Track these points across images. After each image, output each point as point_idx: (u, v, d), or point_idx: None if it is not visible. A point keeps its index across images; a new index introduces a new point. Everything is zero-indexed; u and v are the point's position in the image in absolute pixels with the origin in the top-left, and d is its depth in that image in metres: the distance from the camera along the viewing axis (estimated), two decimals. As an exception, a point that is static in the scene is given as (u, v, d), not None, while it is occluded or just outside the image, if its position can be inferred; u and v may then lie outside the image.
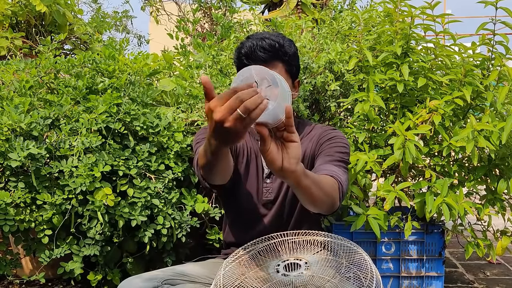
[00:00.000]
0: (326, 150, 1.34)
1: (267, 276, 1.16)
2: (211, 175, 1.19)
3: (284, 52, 1.33)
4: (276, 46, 1.31)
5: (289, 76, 1.36)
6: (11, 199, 1.73)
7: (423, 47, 2.04)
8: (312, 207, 1.16)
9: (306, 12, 4.12)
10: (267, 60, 1.31)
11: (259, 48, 1.30)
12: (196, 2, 3.18)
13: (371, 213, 1.79)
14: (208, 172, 1.16)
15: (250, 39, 1.33)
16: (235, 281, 1.15)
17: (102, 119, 1.79)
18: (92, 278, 1.96)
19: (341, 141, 1.37)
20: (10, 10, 2.97)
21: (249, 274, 1.18)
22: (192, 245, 2.13)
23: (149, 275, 1.27)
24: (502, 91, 1.81)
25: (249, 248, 1.31)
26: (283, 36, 1.35)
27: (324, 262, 1.20)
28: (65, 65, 2.03)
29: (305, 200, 1.11)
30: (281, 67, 1.33)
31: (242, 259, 1.27)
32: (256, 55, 1.30)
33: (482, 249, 1.92)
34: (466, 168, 1.98)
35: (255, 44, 1.31)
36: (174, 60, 2.50)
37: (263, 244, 1.32)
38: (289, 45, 1.35)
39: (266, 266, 1.21)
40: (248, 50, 1.32)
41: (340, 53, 1.99)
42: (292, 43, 1.37)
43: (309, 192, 1.06)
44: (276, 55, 1.32)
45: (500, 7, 1.84)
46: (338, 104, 2.02)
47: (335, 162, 1.29)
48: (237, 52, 1.37)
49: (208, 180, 1.25)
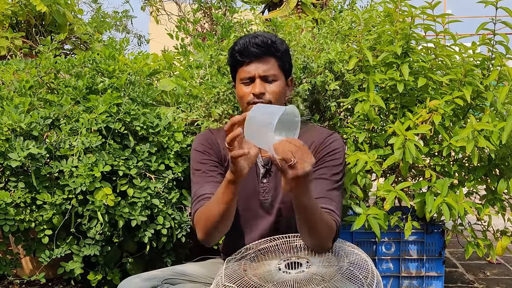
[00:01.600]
0: (324, 170, 1.35)
1: (269, 273, 1.16)
2: (218, 234, 1.28)
3: (276, 48, 1.36)
4: (268, 42, 1.34)
5: (282, 72, 1.38)
6: (11, 199, 1.73)
7: (423, 47, 2.04)
8: (305, 234, 1.22)
9: (306, 12, 4.12)
10: (259, 56, 1.34)
11: (252, 44, 1.33)
12: (196, 2, 3.18)
13: (371, 212, 1.79)
14: (216, 232, 1.26)
15: (243, 38, 1.37)
16: (237, 278, 1.15)
17: (102, 119, 1.79)
18: (92, 278, 1.96)
19: (339, 156, 1.38)
20: (10, 10, 2.97)
21: (250, 271, 1.18)
22: (192, 245, 2.13)
23: (149, 274, 1.27)
24: (502, 91, 1.81)
25: (251, 248, 1.31)
26: (275, 35, 1.40)
27: (325, 262, 1.20)
28: (65, 65, 2.03)
29: (303, 223, 1.19)
30: (273, 62, 1.36)
31: (244, 257, 1.27)
32: (250, 51, 1.33)
33: (482, 249, 1.91)
34: (466, 168, 1.98)
35: (248, 41, 1.34)
36: (174, 60, 2.50)
37: (265, 245, 1.32)
38: (280, 42, 1.38)
39: (268, 264, 1.21)
40: (241, 47, 1.35)
41: (340, 53, 1.99)
42: (284, 41, 1.41)
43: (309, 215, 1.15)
44: (269, 51, 1.35)
45: (500, 7, 1.84)
46: (338, 104, 2.02)
47: (331, 191, 1.32)
48: (231, 51, 1.40)
49: (210, 243, 1.31)
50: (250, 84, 1.36)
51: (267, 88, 1.34)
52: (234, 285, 1.12)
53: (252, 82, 1.35)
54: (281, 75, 1.38)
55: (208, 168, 1.38)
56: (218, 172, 1.38)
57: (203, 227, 1.26)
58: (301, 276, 1.13)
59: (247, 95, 1.35)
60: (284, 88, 1.39)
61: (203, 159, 1.39)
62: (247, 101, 1.35)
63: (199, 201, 1.32)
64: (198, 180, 1.38)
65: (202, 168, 1.38)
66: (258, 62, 1.34)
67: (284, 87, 1.39)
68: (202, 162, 1.39)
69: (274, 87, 1.35)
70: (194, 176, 1.40)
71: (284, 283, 1.10)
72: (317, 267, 1.18)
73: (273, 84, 1.35)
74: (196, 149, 1.43)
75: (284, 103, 1.41)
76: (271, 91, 1.34)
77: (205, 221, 1.24)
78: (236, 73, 1.40)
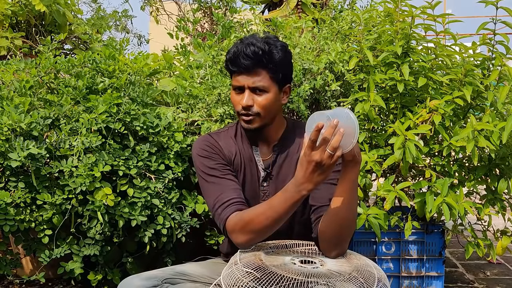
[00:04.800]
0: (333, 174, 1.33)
1: (286, 265, 1.15)
2: (263, 237, 1.27)
3: (269, 60, 1.30)
4: (259, 53, 1.29)
5: (274, 82, 1.33)
6: (11, 199, 1.73)
7: (423, 47, 2.04)
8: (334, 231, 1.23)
9: (306, 12, 4.12)
10: (249, 68, 1.30)
11: (243, 55, 1.29)
12: (196, 2, 3.18)
13: (371, 212, 1.79)
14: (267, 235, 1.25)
15: (237, 45, 1.32)
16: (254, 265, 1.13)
17: (102, 119, 1.79)
18: (92, 278, 1.96)
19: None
20: (10, 10, 2.96)
21: (267, 262, 1.17)
22: (192, 245, 2.13)
23: (149, 274, 1.27)
24: (503, 91, 1.81)
25: (262, 245, 1.30)
26: (273, 41, 1.32)
27: (339, 262, 1.20)
28: (65, 65, 2.03)
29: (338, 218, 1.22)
30: (264, 74, 1.31)
31: (257, 250, 1.26)
32: (239, 62, 1.30)
33: (482, 249, 1.91)
34: (466, 168, 1.98)
35: (239, 51, 1.30)
36: (174, 60, 2.50)
37: (274, 244, 1.32)
38: (276, 51, 1.31)
39: (282, 258, 1.21)
40: (232, 55, 1.32)
41: (340, 53, 1.99)
42: (284, 48, 1.34)
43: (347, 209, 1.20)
44: (260, 63, 1.30)
45: (500, 7, 1.84)
46: (338, 104, 2.02)
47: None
48: (226, 56, 1.37)
49: (251, 245, 1.29)
50: (240, 93, 1.34)
51: (256, 100, 1.32)
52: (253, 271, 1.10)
53: (243, 91, 1.33)
54: (273, 86, 1.33)
55: (221, 173, 1.36)
56: (232, 174, 1.37)
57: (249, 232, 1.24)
58: (317, 270, 1.13)
59: (236, 104, 1.34)
60: (275, 98, 1.34)
61: (213, 164, 1.37)
62: (237, 110, 1.35)
63: (227, 206, 1.30)
64: (215, 186, 1.35)
65: (216, 173, 1.36)
66: (248, 74, 1.31)
67: (276, 97, 1.35)
68: (214, 168, 1.36)
69: (262, 99, 1.32)
70: (207, 183, 1.36)
71: (303, 274, 1.09)
72: (331, 265, 1.18)
73: (262, 97, 1.32)
74: (200, 155, 1.39)
75: (278, 110, 1.40)
76: (259, 103, 1.32)
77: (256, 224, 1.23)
78: (231, 78, 1.40)
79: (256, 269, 1.11)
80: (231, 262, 1.20)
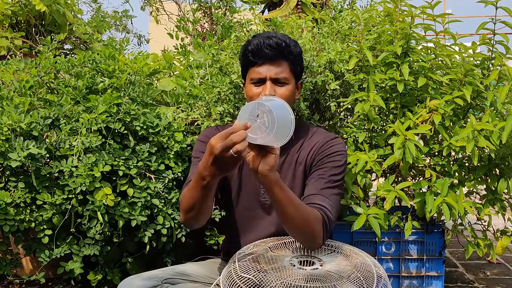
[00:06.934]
0: (321, 170, 1.35)
1: (283, 268, 1.16)
2: (195, 218, 1.26)
3: (290, 52, 1.34)
4: (282, 45, 1.32)
5: (293, 75, 1.37)
6: (11, 199, 1.73)
7: (423, 47, 2.04)
8: (287, 228, 1.22)
9: (306, 11, 4.12)
10: (272, 58, 1.33)
11: (266, 45, 1.31)
12: (196, 1, 3.18)
13: (371, 212, 1.79)
14: (191, 214, 1.24)
15: (257, 37, 1.35)
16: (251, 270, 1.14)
17: (102, 119, 1.79)
18: (92, 278, 1.96)
19: (339, 158, 1.38)
20: (10, 10, 2.97)
21: (264, 265, 1.17)
22: (192, 245, 2.13)
23: (149, 274, 1.27)
24: (503, 91, 1.81)
25: (259, 245, 1.30)
26: (288, 37, 1.37)
27: (338, 261, 1.20)
28: (65, 65, 2.03)
29: (280, 217, 1.19)
30: (286, 66, 1.35)
31: (253, 252, 1.26)
32: (263, 53, 1.32)
33: (482, 248, 1.91)
34: (466, 168, 1.98)
35: (262, 41, 1.32)
36: (174, 60, 2.50)
37: (273, 243, 1.32)
38: (294, 45, 1.37)
39: (280, 260, 1.21)
40: (254, 47, 1.33)
41: (340, 52, 1.99)
42: (297, 44, 1.39)
43: (284, 208, 1.15)
44: (282, 54, 1.33)
45: (500, 7, 1.84)
46: (338, 103, 2.02)
47: (327, 189, 1.31)
48: (243, 49, 1.38)
49: (188, 225, 1.33)
50: (260, 85, 1.34)
51: (277, 91, 1.33)
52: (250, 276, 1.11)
53: (262, 83, 1.34)
54: (292, 79, 1.37)
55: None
56: None
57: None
58: (317, 272, 1.13)
59: (256, 96, 1.34)
60: (294, 91, 1.38)
61: (203, 149, 1.40)
62: None
63: (186, 184, 1.36)
64: (192, 168, 1.42)
65: (201, 156, 1.38)
66: (271, 64, 1.33)
67: (294, 91, 1.38)
68: (202, 151, 1.40)
69: (284, 90, 1.34)
70: (192, 165, 1.43)
71: (302, 277, 1.09)
72: (331, 266, 1.18)
73: (284, 88, 1.34)
74: (199, 139, 1.47)
75: (293, 104, 1.42)
76: (281, 94, 1.33)
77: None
78: (247, 72, 1.39)
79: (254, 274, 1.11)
80: (230, 263, 1.21)
